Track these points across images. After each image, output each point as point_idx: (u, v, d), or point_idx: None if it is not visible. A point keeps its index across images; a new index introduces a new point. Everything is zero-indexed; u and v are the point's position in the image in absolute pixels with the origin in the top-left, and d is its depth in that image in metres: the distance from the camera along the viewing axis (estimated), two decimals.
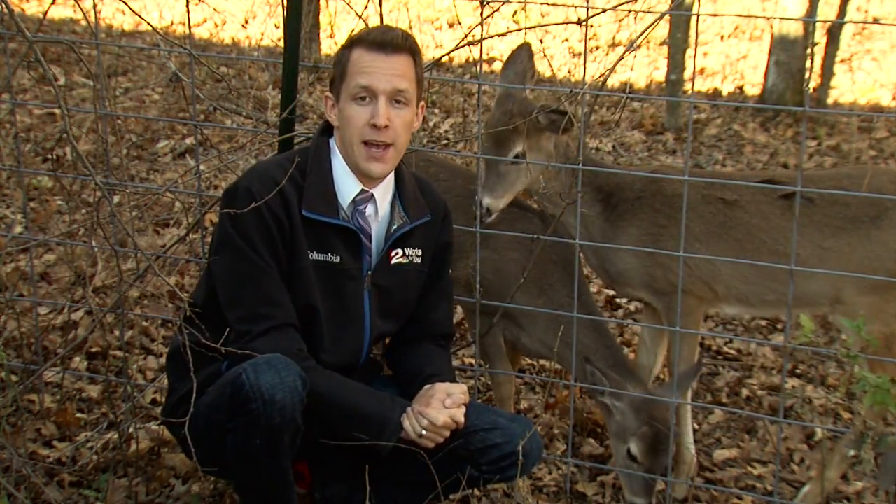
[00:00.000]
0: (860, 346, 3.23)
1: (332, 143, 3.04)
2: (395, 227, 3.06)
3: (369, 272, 3.04)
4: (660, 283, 3.76)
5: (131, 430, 3.67)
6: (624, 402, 3.58)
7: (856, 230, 3.65)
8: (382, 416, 2.90)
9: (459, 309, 4.81)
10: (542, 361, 4.92)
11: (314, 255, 2.94)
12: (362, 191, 3.00)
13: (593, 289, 5.80)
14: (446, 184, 4.04)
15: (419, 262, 3.14)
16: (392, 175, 3.06)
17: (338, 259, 2.98)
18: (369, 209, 3.03)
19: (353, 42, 2.93)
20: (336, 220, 2.95)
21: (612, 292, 5.64)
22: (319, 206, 2.93)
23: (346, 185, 2.99)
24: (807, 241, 3.65)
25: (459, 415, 2.92)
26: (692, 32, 9.07)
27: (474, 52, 3.80)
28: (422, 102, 3.04)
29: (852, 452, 3.62)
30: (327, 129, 3.07)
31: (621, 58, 3.39)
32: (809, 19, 9.24)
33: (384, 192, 3.05)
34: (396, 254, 3.08)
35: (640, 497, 3.58)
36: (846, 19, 10.34)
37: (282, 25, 3.53)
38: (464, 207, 3.84)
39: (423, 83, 3.02)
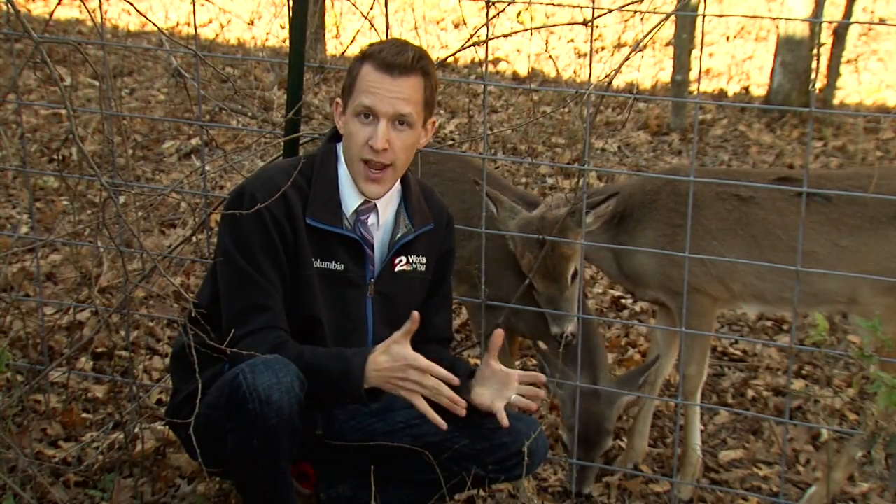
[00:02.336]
0: (875, 347, 3.22)
1: (340, 149, 3.04)
2: (399, 235, 3.05)
3: (373, 280, 3.04)
4: (676, 283, 3.74)
5: (137, 430, 3.67)
6: (565, 392, 3.70)
7: (874, 229, 3.64)
8: (343, 369, 2.80)
9: (463, 310, 4.82)
10: None
11: (318, 263, 2.94)
12: (365, 201, 3.00)
13: (598, 289, 5.81)
14: (437, 167, 4.07)
15: (423, 269, 3.13)
16: (398, 183, 3.05)
17: (341, 267, 2.97)
18: (371, 218, 3.03)
19: (366, 56, 2.91)
20: (339, 230, 2.95)
21: (617, 293, 5.64)
22: (323, 215, 2.93)
23: (350, 195, 2.99)
24: (824, 238, 3.64)
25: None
26: (698, 33, 9.06)
27: (480, 53, 3.79)
28: (431, 119, 3.02)
29: (860, 453, 3.61)
30: (336, 135, 3.06)
31: (627, 58, 3.38)
32: (815, 20, 9.23)
33: (387, 202, 3.05)
34: (400, 261, 3.08)
35: (573, 484, 3.73)
36: (852, 20, 10.32)
37: (287, 26, 3.53)
38: (455, 192, 3.85)
39: (433, 103, 2.99)
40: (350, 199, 2.99)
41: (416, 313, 2.78)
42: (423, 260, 3.13)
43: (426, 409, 2.79)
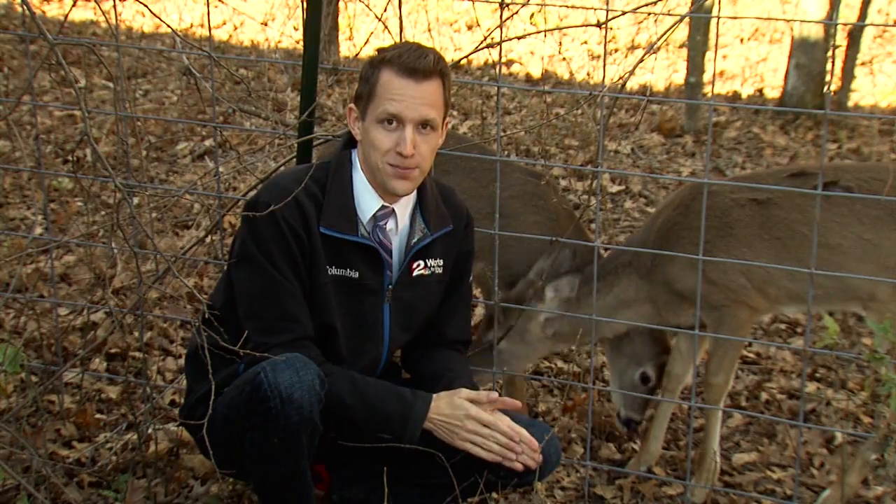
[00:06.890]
0: (887, 348, 3.20)
1: (354, 155, 3.02)
2: (415, 239, 3.04)
3: (391, 286, 3.03)
4: (713, 297, 3.70)
5: (150, 430, 3.69)
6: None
7: (894, 223, 3.60)
8: (403, 413, 2.89)
9: (477, 311, 4.81)
10: (559, 364, 4.91)
11: (333, 271, 2.94)
12: (383, 206, 2.99)
13: None
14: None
15: (441, 272, 3.13)
16: None
17: (357, 274, 2.97)
18: (390, 224, 3.02)
19: (384, 61, 2.87)
20: (355, 238, 2.94)
21: None
22: (338, 223, 2.92)
23: (367, 201, 2.98)
24: (848, 231, 3.60)
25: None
26: (712, 35, 9.03)
27: (493, 55, 3.80)
28: (447, 120, 3.02)
29: (874, 456, 3.59)
30: (350, 142, 3.05)
31: (640, 60, 3.37)
32: (830, 22, 9.18)
33: (405, 206, 3.04)
34: (418, 265, 3.07)
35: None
36: (867, 22, 10.27)
37: (301, 27, 3.54)
38: (464, 170, 3.87)
39: (449, 104, 2.99)
40: (367, 205, 2.98)
41: (492, 394, 2.93)
42: (441, 262, 3.12)
43: (478, 453, 2.91)
